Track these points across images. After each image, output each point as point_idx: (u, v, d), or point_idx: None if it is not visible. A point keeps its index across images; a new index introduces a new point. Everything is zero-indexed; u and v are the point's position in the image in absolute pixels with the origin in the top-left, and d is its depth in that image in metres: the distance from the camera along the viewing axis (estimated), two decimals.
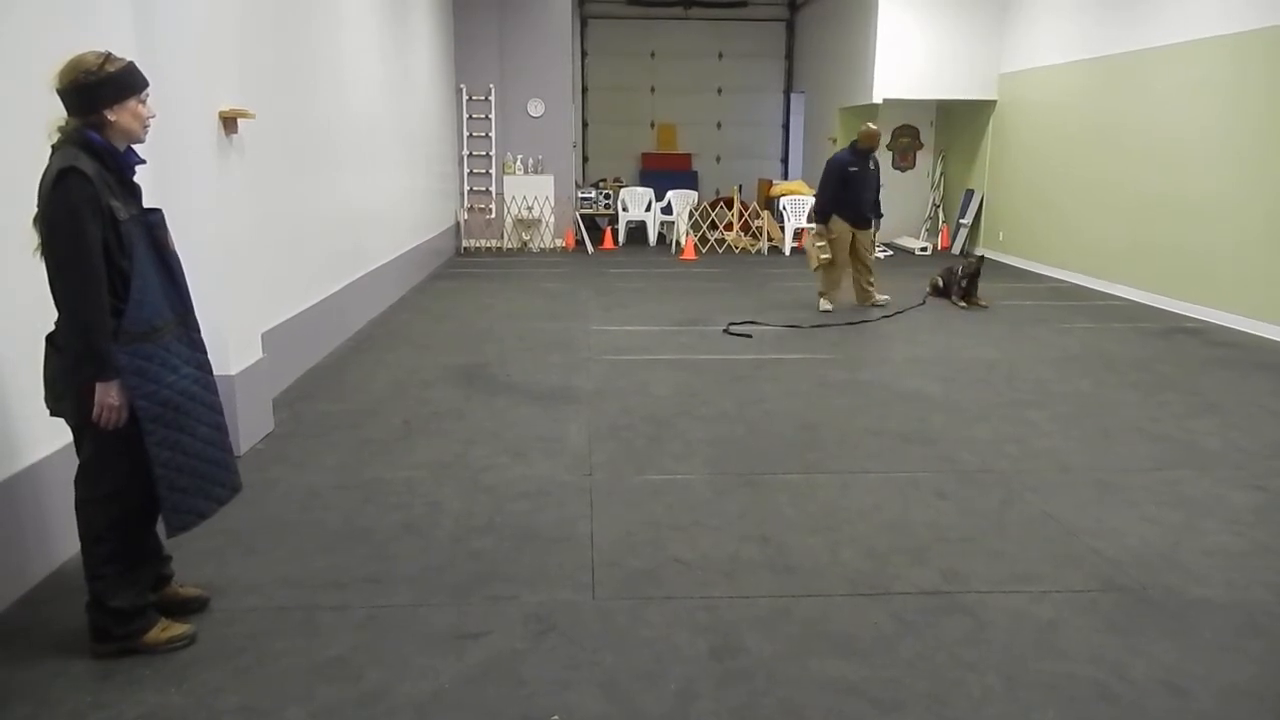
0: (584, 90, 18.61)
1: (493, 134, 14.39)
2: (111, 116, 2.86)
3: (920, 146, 15.71)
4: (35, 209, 2.80)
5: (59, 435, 3.29)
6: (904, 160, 15.74)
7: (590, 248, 14.32)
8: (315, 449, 5.19)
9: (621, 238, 15.18)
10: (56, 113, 2.86)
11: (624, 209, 15.41)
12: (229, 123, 4.89)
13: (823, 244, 9.42)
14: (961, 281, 9.83)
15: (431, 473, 4.84)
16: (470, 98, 14.26)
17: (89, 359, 2.81)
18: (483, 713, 2.83)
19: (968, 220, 14.29)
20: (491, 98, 14.28)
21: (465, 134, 14.33)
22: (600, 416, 5.82)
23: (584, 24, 18.27)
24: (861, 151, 9.48)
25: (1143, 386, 6.65)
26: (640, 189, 15.78)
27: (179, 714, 2.81)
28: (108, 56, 2.87)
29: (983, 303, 9.77)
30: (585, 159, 18.98)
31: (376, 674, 3.02)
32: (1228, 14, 8.87)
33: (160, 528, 3.16)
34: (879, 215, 9.89)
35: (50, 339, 2.96)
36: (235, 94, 4.98)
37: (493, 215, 14.54)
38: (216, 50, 4.81)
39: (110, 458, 2.98)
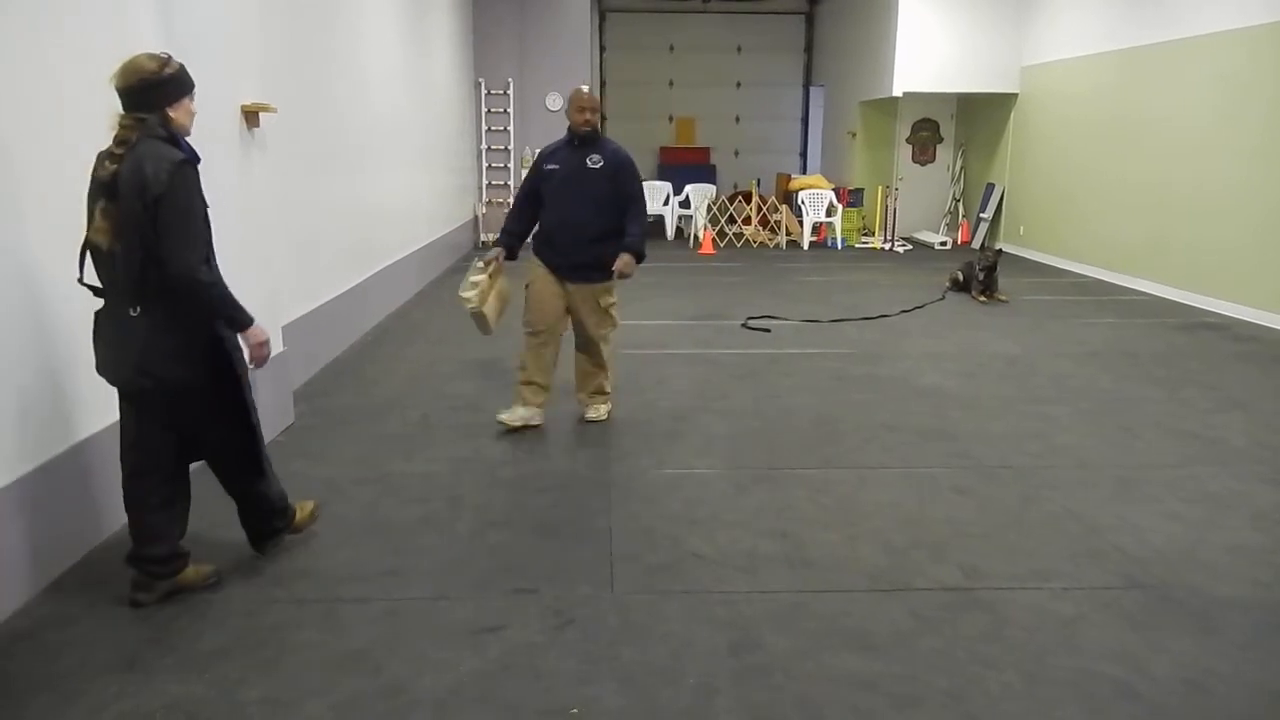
0: (602, 84, 18.59)
1: (511, 128, 14.39)
2: (172, 113, 3.17)
3: (940, 140, 15.61)
4: (101, 198, 3.05)
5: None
6: (924, 154, 15.65)
7: None
8: (335, 442, 5.21)
9: None
10: (84, 102, 2.90)
11: None
12: (250, 117, 4.91)
13: (477, 280, 5.35)
14: (979, 274, 9.77)
15: (450, 466, 4.86)
16: (489, 92, 14.27)
17: (232, 315, 3.27)
18: (502, 706, 2.85)
19: (988, 214, 14.20)
20: (510, 92, 14.28)
21: (484, 128, 14.35)
22: (618, 410, 5.82)
23: (603, 18, 18.25)
24: (576, 138, 5.19)
25: (1165, 382, 6.59)
26: (658, 183, 15.75)
27: (202, 705, 2.83)
28: (167, 59, 3.17)
29: (1002, 297, 9.71)
30: None
31: (396, 667, 3.04)
32: (1251, 6, 8.75)
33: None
34: (635, 251, 5.20)
35: (146, 310, 3.12)
36: (256, 88, 5.01)
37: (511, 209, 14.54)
38: (238, 44, 4.83)
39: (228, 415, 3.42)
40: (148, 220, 3.01)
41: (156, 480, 3.34)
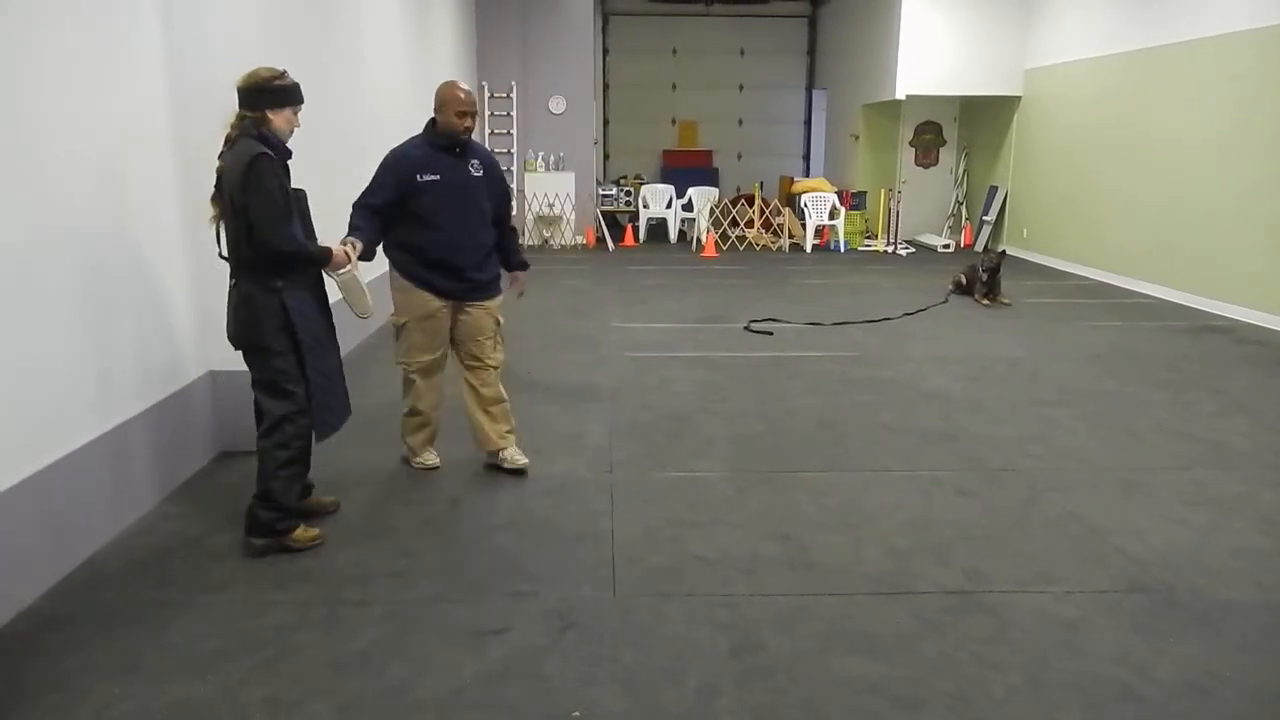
0: (605, 87, 18.61)
1: (514, 131, 14.41)
2: (272, 117, 3.68)
3: (943, 143, 15.61)
4: (215, 188, 3.61)
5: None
6: (927, 157, 15.64)
7: (611, 245, 14.33)
8: (338, 444, 5.18)
9: (642, 235, 15.17)
10: (82, 101, 2.89)
11: (645, 206, 15.40)
12: None
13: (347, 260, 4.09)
14: (982, 277, 9.76)
15: (452, 468, 4.86)
16: (492, 94, 14.29)
17: (312, 260, 3.80)
18: (504, 709, 2.84)
19: (991, 217, 14.18)
20: (513, 95, 14.31)
21: (487, 131, 14.36)
22: (621, 413, 5.82)
23: (606, 21, 18.27)
24: (456, 145, 4.58)
25: (1169, 385, 6.58)
26: (661, 186, 15.78)
27: (205, 705, 2.84)
28: (281, 74, 3.71)
29: (1006, 300, 9.69)
30: (606, 156, 18.98)
31: (399, 669, 3.04)
32: (1258, 7, 8.74)
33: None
34: (517, 265, 4.90)
35: (238, 283, 3.70)
36: None
37: (514, 212, 14.55)
38: (239, 46, 4.84)
39: (292, 379, 3.77)
40: (232, 209, 3.56)
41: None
